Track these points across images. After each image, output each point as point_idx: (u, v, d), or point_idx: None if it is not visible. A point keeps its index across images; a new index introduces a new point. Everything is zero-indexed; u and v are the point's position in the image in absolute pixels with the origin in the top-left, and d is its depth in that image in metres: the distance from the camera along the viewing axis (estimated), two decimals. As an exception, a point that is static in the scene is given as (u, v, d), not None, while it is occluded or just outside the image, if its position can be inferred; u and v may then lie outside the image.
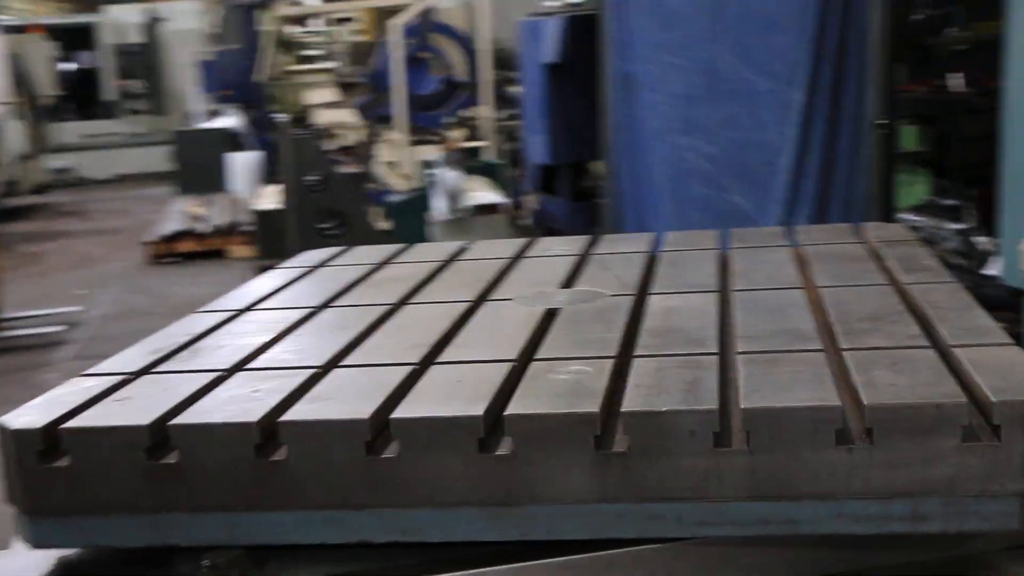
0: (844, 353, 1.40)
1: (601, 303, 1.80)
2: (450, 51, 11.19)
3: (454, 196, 7.74)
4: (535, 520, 1.22)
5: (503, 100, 10.27)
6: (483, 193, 8.10)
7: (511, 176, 9.33)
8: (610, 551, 1.24)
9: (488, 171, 8.87)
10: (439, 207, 7.65)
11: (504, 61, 10.36)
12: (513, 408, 1.22)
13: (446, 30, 11.12)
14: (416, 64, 10.60)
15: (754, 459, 1.19)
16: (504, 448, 1.21)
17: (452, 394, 1.31)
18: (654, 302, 1.74)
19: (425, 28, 10.71)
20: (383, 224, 7.71)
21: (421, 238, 7.21)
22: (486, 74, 10.12)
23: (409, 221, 7.86)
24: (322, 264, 2.22)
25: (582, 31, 8.10)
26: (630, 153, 6.81)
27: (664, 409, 1.19)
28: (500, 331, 1.63)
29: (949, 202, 4.99)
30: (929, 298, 1.70)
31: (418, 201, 8.05)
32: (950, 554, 1.32)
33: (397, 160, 9.71)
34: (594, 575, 1.25)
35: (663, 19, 6.31)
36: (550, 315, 1.71)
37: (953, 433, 1.17)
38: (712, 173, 6.03)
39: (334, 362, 1.49)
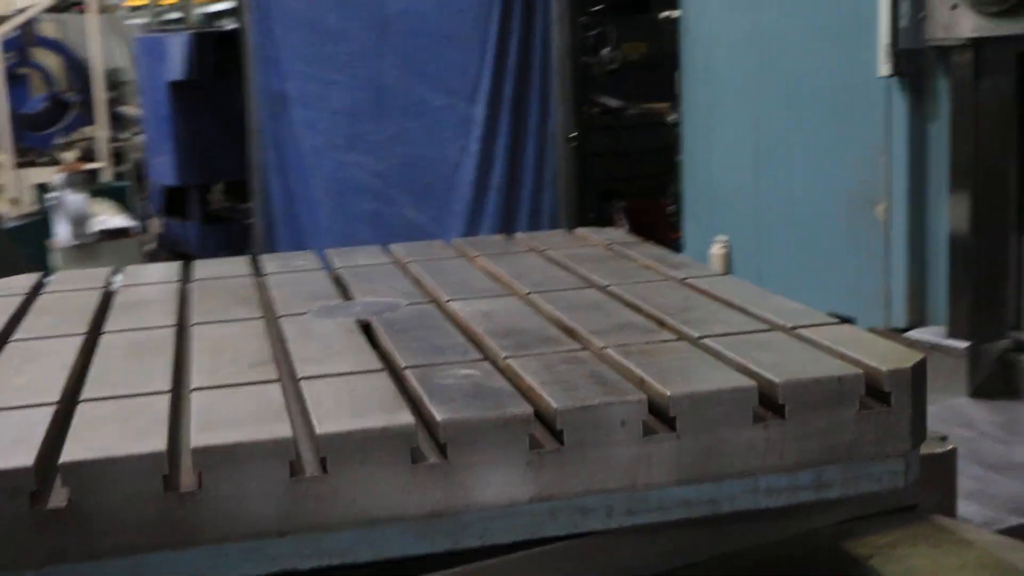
0: (707, 340, 1.48)
1: (410, 310, 1.79)
2: (55, 67, 10.59)
3: (79, 221, 7.28)
4: (468, 527, 1.20)
5: (118, 119, 9.92)
6: (110, 217, 7.68)
7: (138, 199, 8.99)
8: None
9: (114, 194, 8.46)
10: (62, 233, 7.16)
11: (115, 79, 10.04)
12: (443, 413, 1.19)
13: (51, 44, 10.54)
14: (17, 81, 9.97)
15: (680, 444, 1.23)
16: (435, 456, 1.17)
17: (364, 405, 1.25)
18: (458, 307, 1.77)
19: (27, 42, 10.06)
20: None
21: (43, 266, 6.78)
22: (99, 92, 9.65)
23: (27, 248, 7.35)
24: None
25: (210, 48, 8.05)
26: (282, 172, 6.78)
27: (597, 402, 1.21)
28: (336, 344, 1.58)
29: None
30: (719, 289, 1.84)
31: (36, 227, 7.55)
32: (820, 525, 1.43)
33: (1, 184, 9.08)
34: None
35: (320, 36, 6.34)
36: (368, 326, 1.68)
37: (853, 404, 1.28)
38: (382, 189, 6.10)
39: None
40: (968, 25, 2.78)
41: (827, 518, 1.45)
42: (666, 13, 4.67)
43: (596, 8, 5.68)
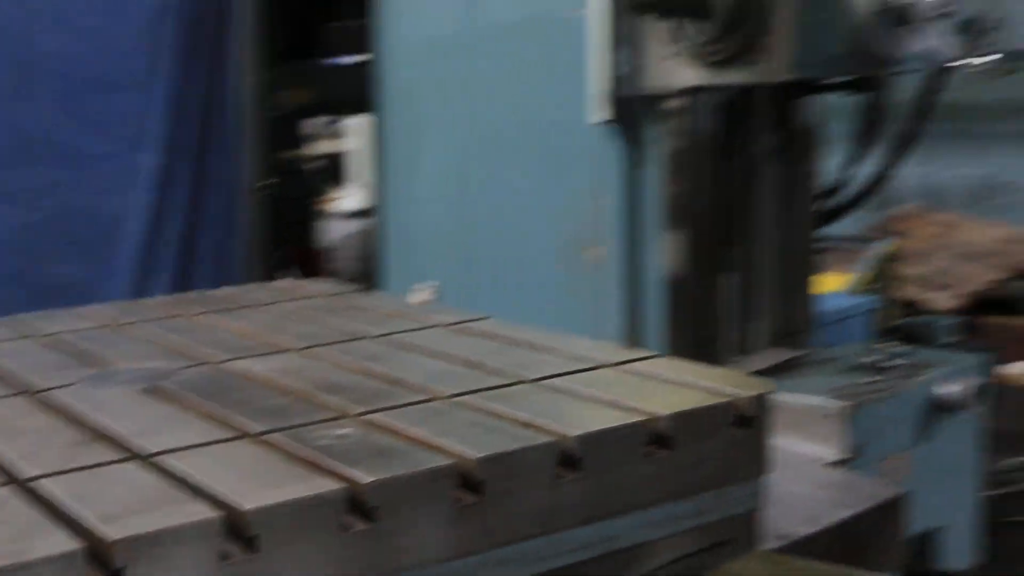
0: (548, 382, 1.57)
1: (195, 372, 1.75)
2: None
3: None
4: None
5: None
6: None
7: None
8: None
9: None
10: None
11: None
12: (369, 475, 1.17)
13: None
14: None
15: (586, 484, 1.30)
16: (361, 521, 1.16)
17: (269, 476, 1.21)
18: (247, 365, 1.76)
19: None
20: None
21: None
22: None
23: None
24: None
25: None
26: None
27: (514, 448, 1.25)
28: (149, 414, 1.51)
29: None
30: (498, 332, 1.98)
31: None
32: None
33: None
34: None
35: None
36: (160, 390, 1.62)
37: (727, 430, 1.44)
38: (28, 244, 5.72)
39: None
40: (684, 75, 3.06)
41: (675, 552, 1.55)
42: (338, 60, 4.82)
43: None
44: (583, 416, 1.39)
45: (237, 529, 1.09)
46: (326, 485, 1.15)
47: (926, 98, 3.20)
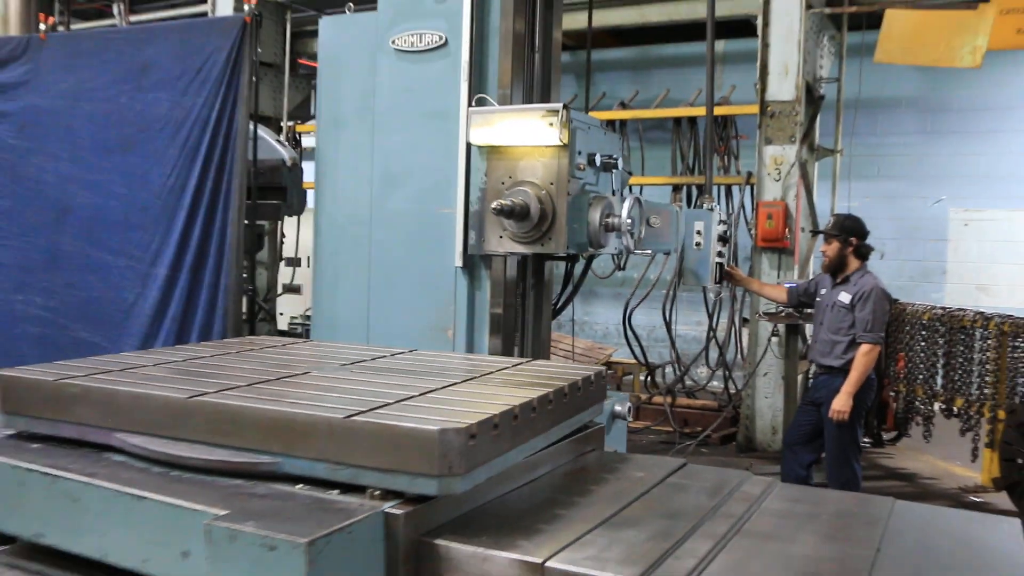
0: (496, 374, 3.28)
1: (352, 364, 3.37)
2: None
3: None
4: None
5: None
6: None
7: None
8: None
9: None
10: None
11: None
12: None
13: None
14: None
15: (546, 414, 3.07)
16: None
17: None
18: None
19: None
20: None
21: None
22: None
23: None
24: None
25: None
26: None
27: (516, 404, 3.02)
28: (378, 379, 3.16)
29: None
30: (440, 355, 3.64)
31: None
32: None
33: None
34: None
35: None
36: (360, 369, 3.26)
37: (586, 384, 3.22)
38: (51, 318, 6.31)
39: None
40: (506, 246, 4.31)
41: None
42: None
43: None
44: (533, 385, 3.10)
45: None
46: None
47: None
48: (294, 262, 10.12)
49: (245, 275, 6.43)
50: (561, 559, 2.26)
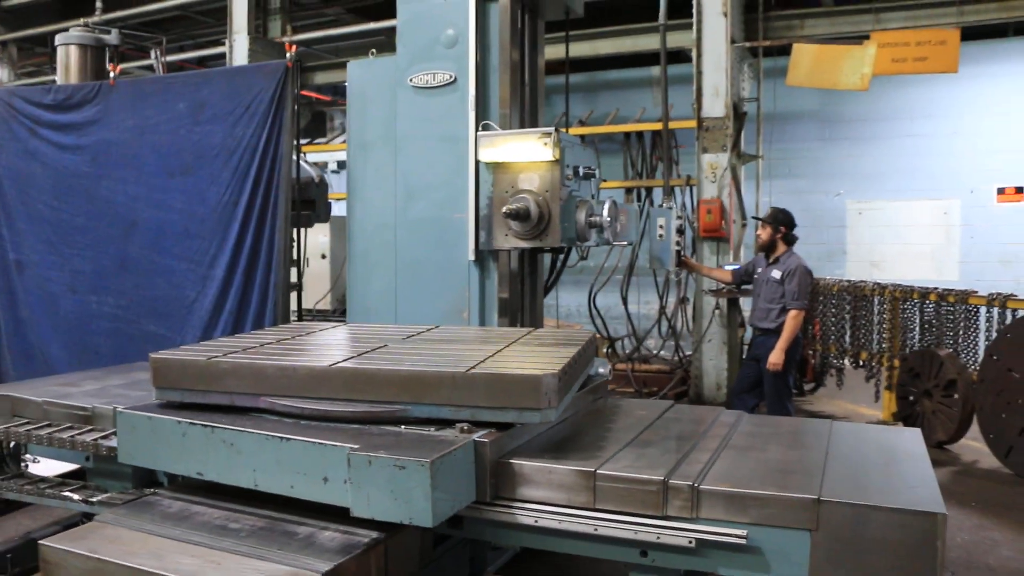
0: (524, 345, 3.72)
1: (404, 340, 3.74)
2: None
3: None
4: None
5: None
6: None
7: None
8: None
9: None
10: None
11: None
12: None
13: None
14: None
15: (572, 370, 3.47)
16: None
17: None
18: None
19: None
20: None
21: None
22: None
23: None
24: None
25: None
26: (12, 307, 7.03)
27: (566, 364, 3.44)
28: (441, 345, 3.55)
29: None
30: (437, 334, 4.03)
31: None
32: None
33: None
34: None
35: (64, 228, 6.72)
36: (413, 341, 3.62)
37: (593, 345, 3.65)
38: (121, 314, 6.46)
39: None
40: (511, 242, 4.64)
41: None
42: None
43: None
44: (560, 345, 3.52)
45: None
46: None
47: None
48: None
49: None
50: (606, 467, 2.70)
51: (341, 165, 13.80)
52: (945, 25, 7.92)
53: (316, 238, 10.24)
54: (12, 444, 4.01)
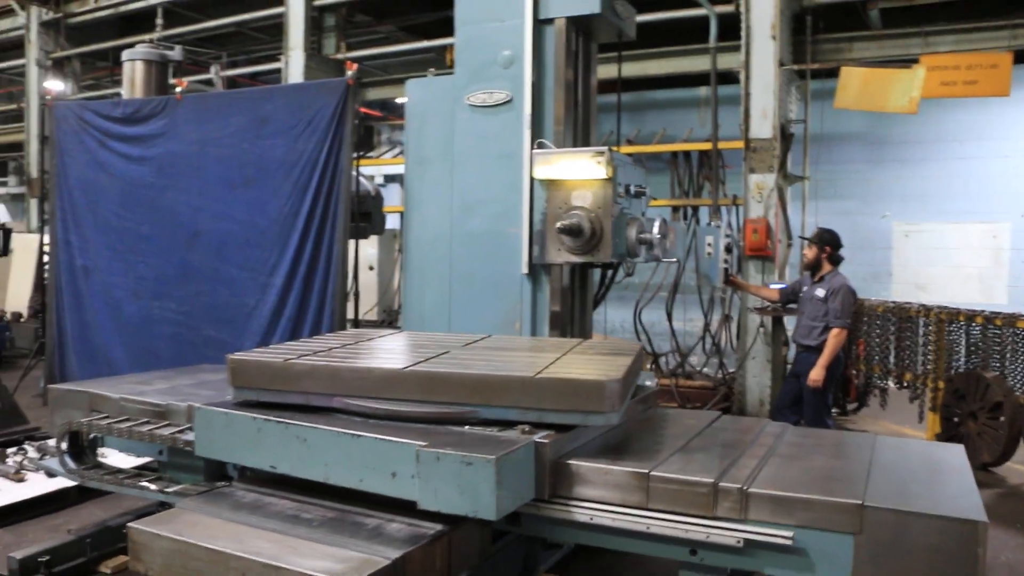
0: (581, 354, 3.89)
1: (469, 345, 3.90)
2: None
3: None
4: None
5: None
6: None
7: None
8: None
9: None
10: None
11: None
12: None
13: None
14: None
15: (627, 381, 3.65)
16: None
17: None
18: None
19: None
20: None
21: None
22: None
23: None
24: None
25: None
26: (78, 311, 7.31)
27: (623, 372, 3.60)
28: (505, 352, 3.73)
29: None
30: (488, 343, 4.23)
31: None
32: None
33: None
34: None
35: (131, 236, 6.97)
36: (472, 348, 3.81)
37: (640, 357, 3.82)
38: (183, 320, 6.68)
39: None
40: (564, 256, 4.76)
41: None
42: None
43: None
44: (613, 355, 3.69)
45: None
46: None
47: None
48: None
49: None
50: (660, 470, 2.87)
51: (388, 179, 14.10)
52: (997, 48, 7.97)
53: (364, 250, 10.50)
54: (91, 436, 4.28)
